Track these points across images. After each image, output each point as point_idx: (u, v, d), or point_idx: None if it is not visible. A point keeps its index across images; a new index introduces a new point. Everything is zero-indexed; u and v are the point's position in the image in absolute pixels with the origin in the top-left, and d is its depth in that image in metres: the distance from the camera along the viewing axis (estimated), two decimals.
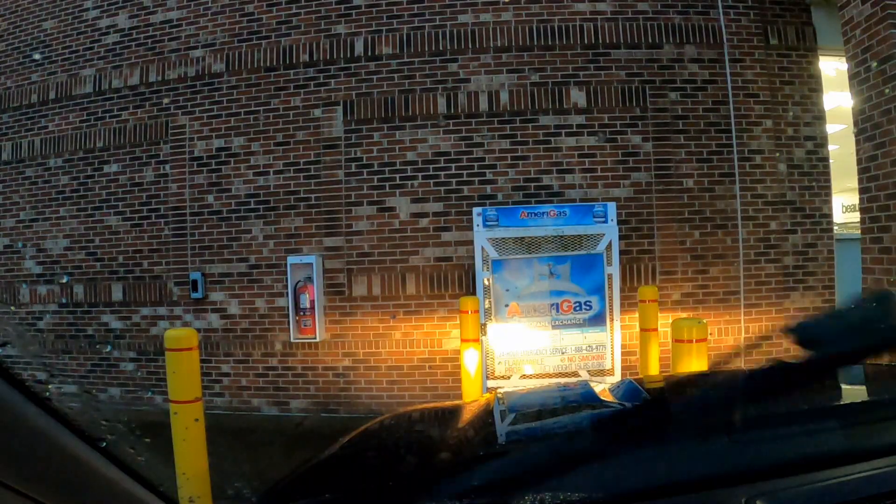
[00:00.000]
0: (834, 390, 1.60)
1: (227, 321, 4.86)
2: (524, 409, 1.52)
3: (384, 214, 4.68)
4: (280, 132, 4.81)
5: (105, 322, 5.11)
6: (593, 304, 4.28)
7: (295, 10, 4.84)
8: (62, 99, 5.26)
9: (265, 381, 4.78)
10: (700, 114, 4.59)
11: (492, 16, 4.69)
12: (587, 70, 4.62)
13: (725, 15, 4.60)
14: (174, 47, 5.03)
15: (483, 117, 4.64)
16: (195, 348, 2.65)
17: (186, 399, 2.57)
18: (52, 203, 5.25)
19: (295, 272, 4.61)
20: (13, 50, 5.48)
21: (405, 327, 4.63)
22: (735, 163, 4.55)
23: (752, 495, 0.84)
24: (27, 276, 5.33)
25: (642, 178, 4.57)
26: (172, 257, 4.96)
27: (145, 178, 5.04)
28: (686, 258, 4.55)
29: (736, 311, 4.53)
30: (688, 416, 1.39)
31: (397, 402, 4.48)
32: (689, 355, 2.74)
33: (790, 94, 4.64)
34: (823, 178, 4.63)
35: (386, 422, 1.65)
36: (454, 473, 1.09)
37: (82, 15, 5.27)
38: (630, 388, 1.48)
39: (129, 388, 5.04)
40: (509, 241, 4.29)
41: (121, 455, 0.66)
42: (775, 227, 4.58)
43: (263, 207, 4.81)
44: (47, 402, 0.57)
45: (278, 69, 4.84)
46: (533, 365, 4.29)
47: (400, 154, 4.68)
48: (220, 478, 2.58)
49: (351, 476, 1.27)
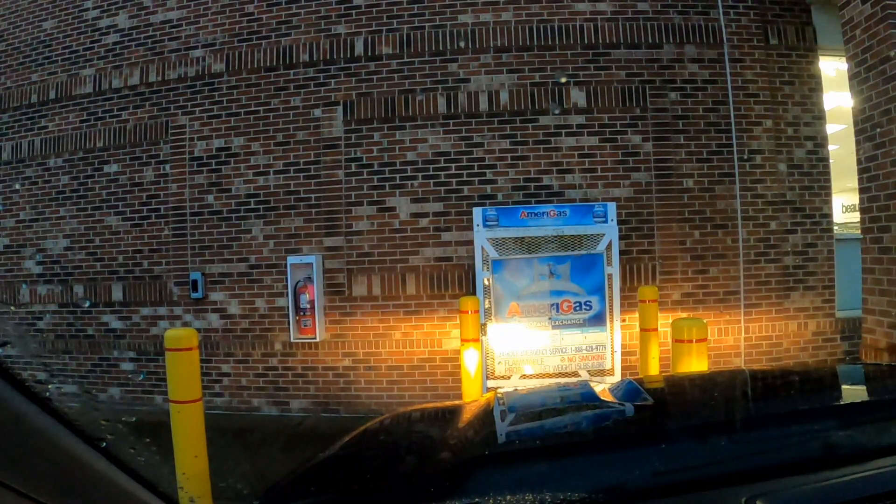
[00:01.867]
0: (834, 390, 1.61)
1: (227, 321, 4.86)
2: (524, 409, 1.52)
3: (384, 214, 4.68)
4: (280, 132, 4.81)
5: (105, 322, 5.11)
6: (593, 304, 4.28)
7: (295, 10, 4.84)
8: (62, 99, 5.26)
9: (265, 381, 4.78)
10: (700, 114, 4.59)
11: (492, 16, 4.69)
12: (587, 70, 4.62)
13: (725, 15, 4.60)
14: (174, 47, 5.03)
15: (483, 117, 4.64)
16: (195, 348, 2.65)
17: (186, 399, 2.58)
18: (52, 203, 5.26)
19: (295, 272, 4.61)
20: (13, 50, 5.48)
21: (405, 327, 4.63)
22: (735, 163, 4.55)
23: (752, 495, 0.84)
24: (27, 276, 5.33)
25: (642, 178, 4.57)
26: (172, 257, 4.96)
27: (145, 178, 5.04)
28: (686, 258, 4.55)
29: (736, 311, 4.53)
30: (688, 416, 1.39)
31: (397, 402, 4.48)
32: (689, 355, 2.74)
33: (790, 94, 4.64)
34: (823, 178, 4.64)
35: (386, 422, 1.64)
36: (454, 473, 1.09)
37: (82, 15, 5.27)
38: (630, 388, 1.48)
39: (129, 388, 5.04)
40: (509, 241, 4.29)
41: (121, 455, 0.66)
42: (775, 227, 4.58)
43: (263, 207, 4.81)
44: (47, 402, 0.57)
45: (278, 69, 4.84)
46: (533, 365, 4.29)
47: (400, 154, 4.68)
48: (220, 478, 2.58)
49: (351, 476, 1.27)
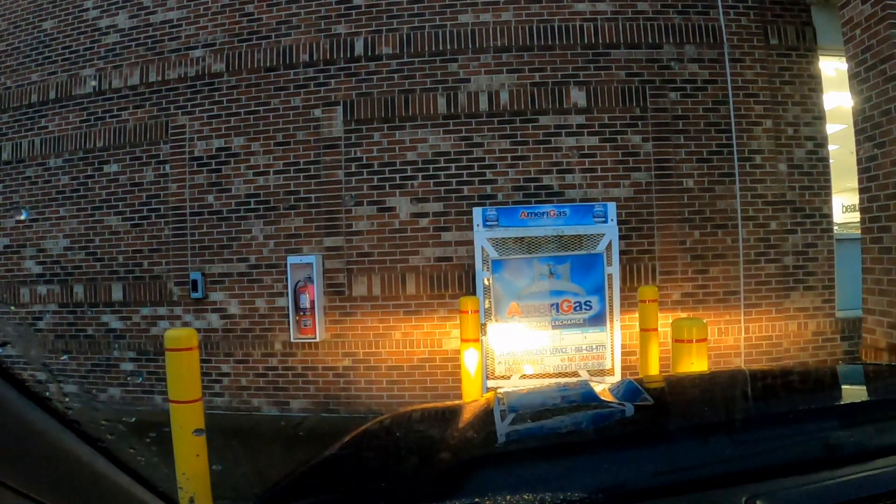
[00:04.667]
0: (834, 390, 1.61)
1: (227, 321, 4.86)
2: (524, 409, 1.51)
3: (384, 214, 4.68)
4: (280, 132, 4.81)
5: (105, 322, 5.11)
6: (593, 304, 4.28)
7: (295, 9, 4.84)
8: (62, 99, 5.26)
9: (265, 381, 4.78)
10: (700, 114, 4.59)
11: (492, 16, 4.69)
12: (587, 70, 4.62)
13: (725, 15, 4.60)
14: (174, 47, 5.03)
15: (483, 117, 4.64)
16: (195, 348, 2.65)
17: (186, 399, 2.58)
18: (52, 203, 5.26)
19: (295, 272, 4.61)
20: (13, 50, 5.48)
21: (405, 327, 4.63)
22: (735, 163, 4.55)
23: (752, 495, 0.84)
24: (27, 276, 5.33)
25: (642, 178, 4.57)
26: (172, 257, 4.96)
27: (145, 178, 5.04)
28: (686, 258, 4.55)
29: (736, 311, 4.53)
30: (688, 416, 1.39)
31: (397, 402, 4.48)
32: (689, 355, 2.74)
33: (790, 94, 4.63)
34: (823, 178, 4.63)
35: (386, 422, 1.64)
36: (454, 473, 1.09)
37: (82, 15, 5.27)
38: (630, 388, 1.48)
39: (129, 388, 5.04)
40: (509, 241, 4.29)
41: (121, 455, 0.66)
42: (775, 227, 4.58)
43: (263, 207, 4.81)
44: (47, 402, 0.57)
45: (278, 69, 4.84)
46: (533, 365, 4.29)
47: (400, 154, 4.68)
48: (220, 477, 2.58)
49: (351, 476, 1.27)
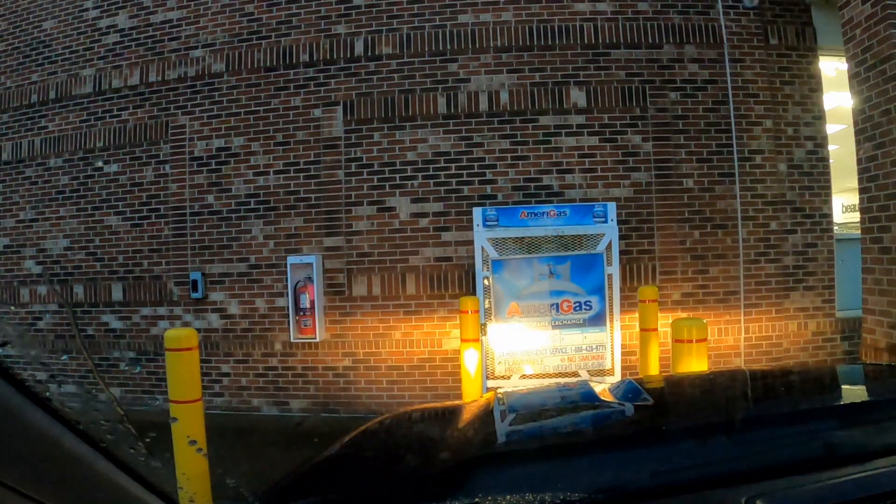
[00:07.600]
0: (834, 390, 1.61)
1: (227, 321, 4.86)
2: (524, 409, 1.51)
3: (384, 214, 4.68)
4: (280, 132, 4.81)
5: (105, 322, 5.11)
6: (593, 304, 4.28)
7: (295, 10, 4.84)
8: (62, 99, 5.26)
9: (265, 381, 4.78)
10: (700, 114, 4.59)
11: (492, 16, 4.69)
12: (587, 70, 4.62)
13: (725, 15, 4.60)
14: (174, 47, 5.03)
15: (483, 117, 4.64)
16: (195, 348, 2.65)
17: (186, 399, 2.58)
18: (52, 203, 5.26)
19: (295, 272, 4.61)
20: (13, 50, 5.48)
21: (405, 327, 4.63)
22: (735, 163, 4.55)
23: (752, 495, 0.84)
24: (27, 276, 5.33)
25: (642, 178, 4.57)
26: (172, 257, 4.96)
27: (145, 178, 5.04)
28: (686, 258, 4.55)
29: (736, 311, 4.53)
30: (688, 416, 1.39)
31: (397, 402, 4.48)
32: (689, 355, 2.74)
33: (790, 94, 4.63)
34: (823, 178, 4.63)
35: (386, 422, 1.64)
36: (454, 473, 1.09)
37: (82, 15, 5.27)
38: (630, 388, 1.48)
39: (129, 388, 5.04)
40: (509, 241, 4.29)
41: (121, 455, 0.66)
42: (775, 227, 4.58)
43: (263, 207, 4.81)
44: (47, 402, 0.57)
45: (278, 69, 4.84)
46: (533, 365, 4.29)
47: (400, 154, 4.68)
48: (220, 478, 2.58)
49: (351, 476, 1.27)
